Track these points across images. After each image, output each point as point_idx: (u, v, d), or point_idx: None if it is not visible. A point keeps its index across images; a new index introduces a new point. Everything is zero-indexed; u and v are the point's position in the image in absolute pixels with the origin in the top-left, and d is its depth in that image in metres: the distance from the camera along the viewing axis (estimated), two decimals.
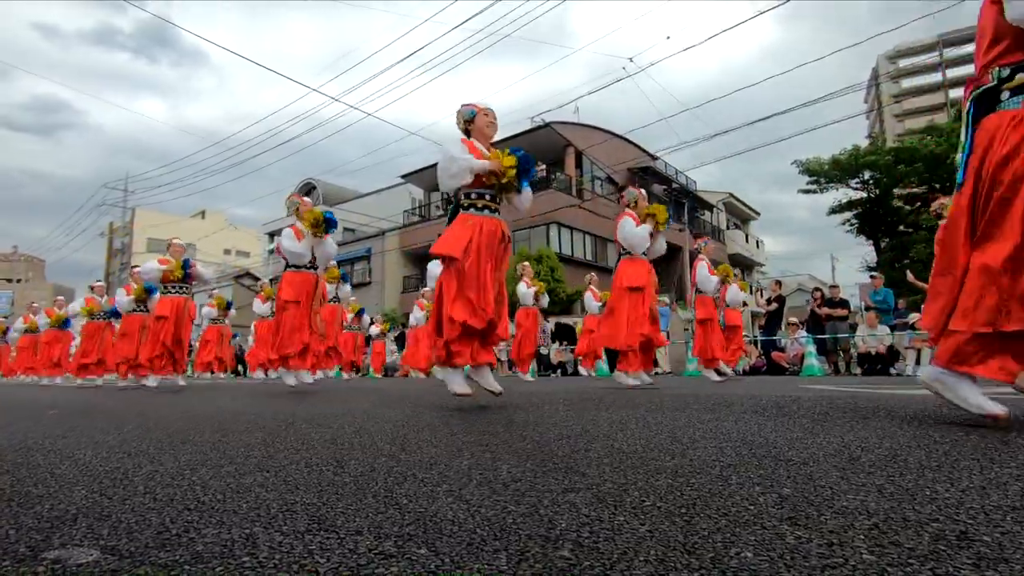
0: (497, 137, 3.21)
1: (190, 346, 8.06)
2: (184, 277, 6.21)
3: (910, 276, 9.05)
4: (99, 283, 8.71)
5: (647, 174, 23.22)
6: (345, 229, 28.07)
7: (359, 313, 10.37)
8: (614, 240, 4.96)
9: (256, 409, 3.33)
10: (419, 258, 22.90)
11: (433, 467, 1.37)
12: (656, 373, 8.20)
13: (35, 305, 10.43)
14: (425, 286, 8.48)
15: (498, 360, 11.48)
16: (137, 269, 6.90)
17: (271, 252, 30.62)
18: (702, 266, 6.37)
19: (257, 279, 29.40)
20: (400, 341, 13.39)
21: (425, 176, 23.10)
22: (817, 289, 11.14)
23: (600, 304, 8.24)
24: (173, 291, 6.23)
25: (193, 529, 0.93)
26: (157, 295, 6.32)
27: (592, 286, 8.88)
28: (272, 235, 31.32)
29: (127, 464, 1.54)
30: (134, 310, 6.86)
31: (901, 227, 23.40)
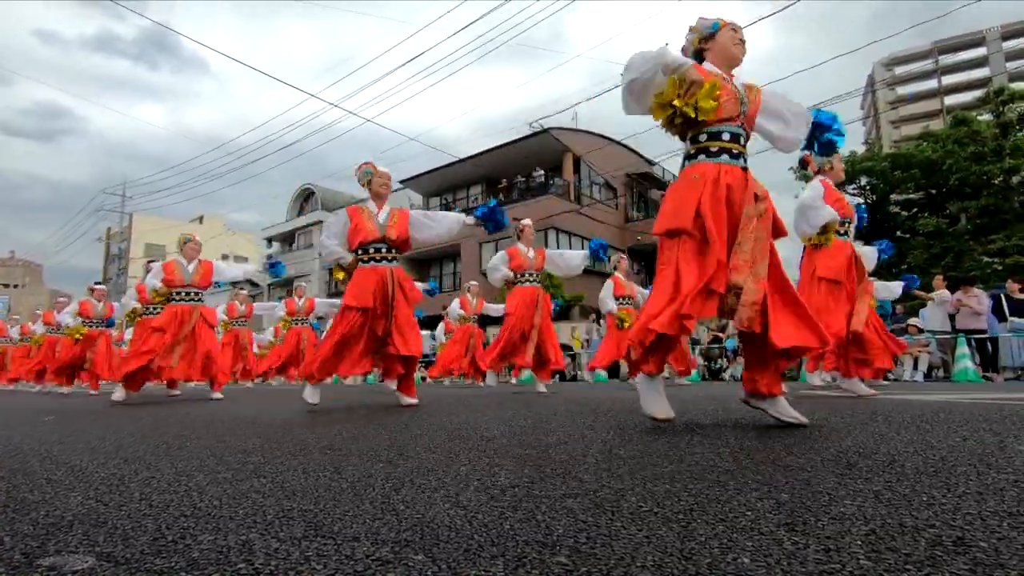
0: (495, 143, 2.90)
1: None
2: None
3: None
4: (99, 285, 7.64)
5: (645, 180, 23.29)
6: None
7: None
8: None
9: (253, 414, 3.32)
10: (418, 262, 22.89)
11: (431, 473, 1.37)
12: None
13: (37, 312, 10.12)
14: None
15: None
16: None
17: (269, 258, 30.55)
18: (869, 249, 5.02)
19: (256, 285, 29.32)
20: None
21: (423, 181, 23.13)
22: None
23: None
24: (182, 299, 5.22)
25: (189, 535, 0.93)
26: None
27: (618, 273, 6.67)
28: (270, 240, 31.26)
29: (123, 470, 1.53)
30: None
31: (898, 233, 23.47)
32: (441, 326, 9.89)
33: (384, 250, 3.52)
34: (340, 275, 3.63)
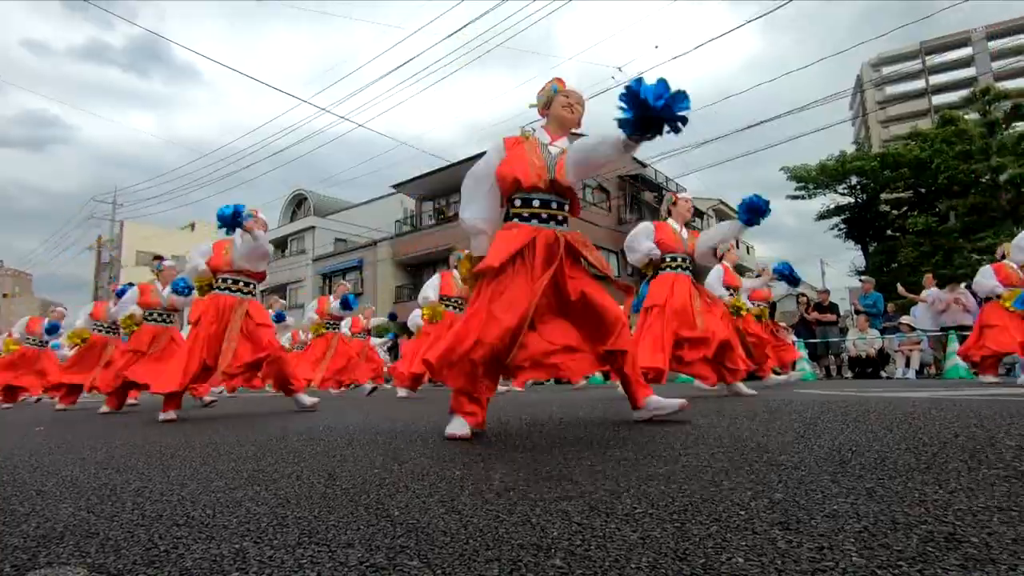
0: (488, 147, 2.32)
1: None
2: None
3: (900, 289, 9.21)
4: (169, 262, 7.11)
5: (638, 182, 23.37)
6: (337, 240, 28.02)
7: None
8: None
9: (247, 423, 3.30)
10: (411, 267, 22.86)
11: (425, 478, 1.37)
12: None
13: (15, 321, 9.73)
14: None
15: None
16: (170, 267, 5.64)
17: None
18: None
19: None
20: (392, 351, 13.19)
21: (417, 185, 23.11)
22: (802, 294, 11.19)
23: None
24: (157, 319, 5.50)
25: (182, 545, 0.92)
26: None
27: None
28: None
29: (115, 480, 1.52)
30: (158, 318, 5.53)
31: (888, 231, 23.67)
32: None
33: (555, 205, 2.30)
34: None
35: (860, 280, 12.77)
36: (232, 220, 3.77)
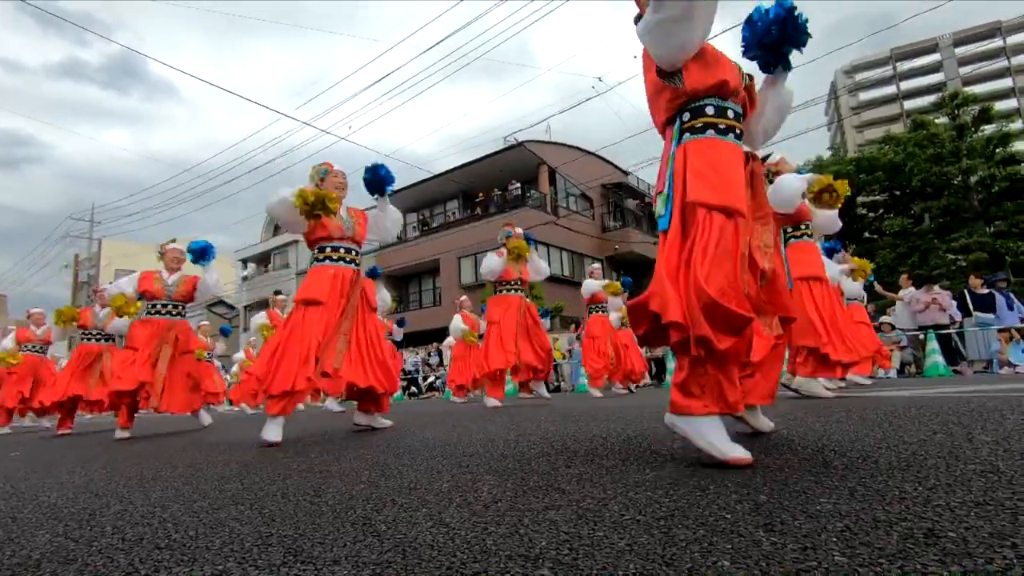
0: (469, 158, 2.44)
1: None
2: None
3: (878, 287, 9.38)
4: (37, 310, 7.31)
5: (620, 189, 23.58)
6: None
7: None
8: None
9: (232, 440, 3.25)
10: (396, 279, 22.74)
11: (413, 491, 1.36)
12: (640, 385, 8.24)
13: None
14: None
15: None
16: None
17: (244, 279, 30.09)
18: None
19: (231, 307, 28.78)
20: None
21: (400, 197, 23.08)
22: None
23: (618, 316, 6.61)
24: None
25: (163, 568, 0.90)
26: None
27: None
28: (245, 262, 30.78)
29: (94, 504, 1.49)
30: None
31: (866, 233, 24.13)
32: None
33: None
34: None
35: None
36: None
